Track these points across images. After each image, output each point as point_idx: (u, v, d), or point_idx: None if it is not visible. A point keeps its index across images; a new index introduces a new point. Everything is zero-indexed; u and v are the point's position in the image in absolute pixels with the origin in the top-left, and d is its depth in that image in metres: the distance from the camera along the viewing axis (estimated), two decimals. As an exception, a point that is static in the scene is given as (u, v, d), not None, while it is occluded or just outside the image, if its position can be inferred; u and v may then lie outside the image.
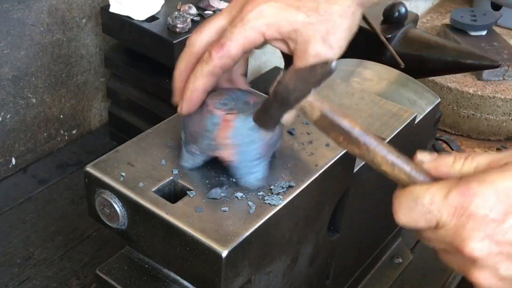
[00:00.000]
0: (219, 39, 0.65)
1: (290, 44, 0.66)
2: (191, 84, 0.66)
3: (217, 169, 0.70)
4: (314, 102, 0.61)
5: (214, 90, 0.69)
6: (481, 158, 0.54)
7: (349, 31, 0.67)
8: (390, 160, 0.57)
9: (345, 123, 0.60)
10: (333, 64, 0.62)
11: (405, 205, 0.55)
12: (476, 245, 0.50)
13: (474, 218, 0.50)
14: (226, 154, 0.66)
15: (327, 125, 0.61)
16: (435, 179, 0.56)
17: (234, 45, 0.64)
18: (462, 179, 0.52)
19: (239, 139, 0.66)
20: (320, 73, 0.62)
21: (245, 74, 0.73)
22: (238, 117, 0.66)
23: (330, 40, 0.65)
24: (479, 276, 0.52)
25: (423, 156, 0.58)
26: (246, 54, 0.67)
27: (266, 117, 0.64)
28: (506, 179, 0.50)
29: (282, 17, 0.65)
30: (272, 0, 0.65)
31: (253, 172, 0.67)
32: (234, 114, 0.66)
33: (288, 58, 0.75)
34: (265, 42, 0.66)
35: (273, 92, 0.62)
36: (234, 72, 0.72)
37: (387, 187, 0.62)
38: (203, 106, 0.67)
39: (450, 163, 0.56)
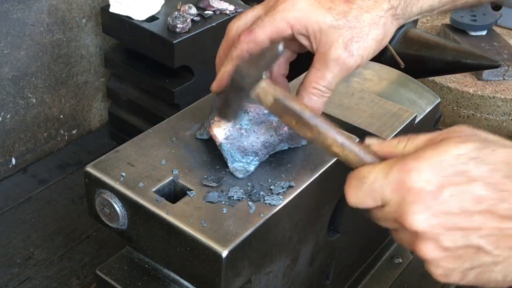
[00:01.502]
0: (250, 26, 0.69)
1: (313, 43, 0.68)
2: (223, 67, 0.71)
3: (217, 169, 0.70)
4: (267, 87, 0.63)
5: None
6: (421, 138, 0.57)
7: (375, 42, 0.68)
8: (340, 141, 0.60)
9: (297, 107, 0.62)
10: (280, 47, 0.64)
11: (353, 186, 0.57)
12: (416, 218, 0.52)
13: (412, 192, 0.52)
14: (217, 134, 0.69)
15: (281, 110, 0.63)
16: (382, 160, 0.58)
17: (262, 32, 0.68)
18: (402, 157, 0.55)
19: (233, 125, 0.69)
20: (269, 56, 0.64)
21: (286, 76, 0.75)
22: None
23: (352, 47, 0.67)
24: (423, 248, 0.53)
25: (371, 140, 0.60)
26: (275, 44, 0.69)
27: (226, 106, 0.66)
28: (439, 153, 0.52)
29: (311, 14, 0.67)
30: None
31: (239, 161, 0.69)
32: None
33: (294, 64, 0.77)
34: (293, 37, 0.68)
35: (229, 80, 0.65)
36: (276, 72, 0.74)
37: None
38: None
39: (394, 144, 0.58)
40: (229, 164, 0.69)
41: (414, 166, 0.53)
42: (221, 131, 0.69)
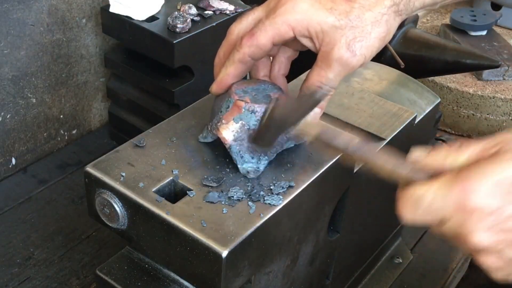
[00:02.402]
0: (252, 29, 0.68)
1: (316, 44, 0.68)
2: (223, 69, 0.71)
3: (217, 169, 0.70)
4: (309, 124, 0.64)
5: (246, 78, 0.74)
6: (471, 148, 0.56)
7: (378, 40, 0.68)
8: (388, 168, 0.59)
9: (341, 143, 0.61)
10: (324, 91, 0.67)
11: (409, 205, 0.56)
12: (480, 237, 0.53)
13: (475, 212, 0.52)
14: (226, 136, 0.68)
15: (324, 144, 0.63)
16: (433, 175, 0.57)
17: (264, 36, 0.67)
18: (458, 174, 0.54)
19: (239, 125, 0.68)
20: (312, 101, 0.65)
21: (286, 75, 0.76)
22: (249, 105, 0.68)
23: (355, 47, 0.67)
24: (487, 261, 0.55)
25: (417, 154, 0.59)
26: (277, 47, 0.70)
27: (262, 139, 0.67)
28: (498, 170, 0.53)
29: (313, 16, 0.66)
30: None
31: (249, 162, 0.69)
32: (246, 101, 0.68)
33: (295, 64, 0.78)
34: (295, 37, 0.68)
35: (268, 117, 0.66)
36: (275, 71, 0.75)
37: (387, 187, 0.62)
38: (228, 90, 0.72)
39: (443, 157, 0.57)
40: (239, 166, 0.69)
41: (475, 186, 0.53)
42: (229, 133, 0.69)
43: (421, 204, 0.55)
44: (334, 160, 0.73)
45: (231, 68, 0.70)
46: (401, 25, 1.30)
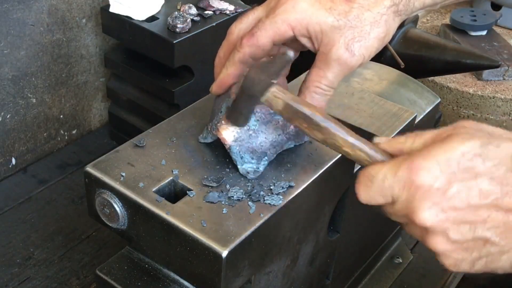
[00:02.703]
0: (252, 29, 0.68)
1: (315, 44, 0.68)
2: (224, 69, 0.71)
3: (217, 169, 0.70)
4: (277, 93, 0.63)
5: None
6: (428, 134, 0.58)
7: (377, 40, 0.68)
8: (350, 141, 0.62)
9: (307, 111, 0.63)
10: (291, 54, 0.67)
11: (363, 184, 0.58)
12: (425, 214, 0.54)
13: (421, 189, 0.54)
14: (226, 137, 0.69)
15: (291, 114, 0.64)
16: (392, 157, 0.60)
17: (264, 35, 0.67)
18: (409, 155, 0.56)
19: (241, 127, 0.69)
20: (280, 63, 0.66)
21: (287, 75, 0.75)
22: None
23: (353, 47, 0.67)
24: (433, 241, 0.55)
25: (379, 138, 0.62)
26: (277, 47, 0.70)
27: (236, 112, 0.67)
28: (446, 150, 0.54)
29: (312, 16, 0.67)
30: None
31: (249, 162, 0.69)
32: None
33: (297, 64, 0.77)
34: (294, 37, 0.68)
35: (240, 87, 0.65)
36: None
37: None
38: (228, 90, 0.71)
39: (402, 141, 0.60)
40: (239, 166, 0.69)
41: (422, 164, 0.54)
42: (229, 134, 0.69)
43: (373, 183, 0.57)
44: (334, 160, 0.73)
45: (232, 69, 0.70)
46: (401, 25, 1.30)
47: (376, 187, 0.57)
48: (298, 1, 0.67)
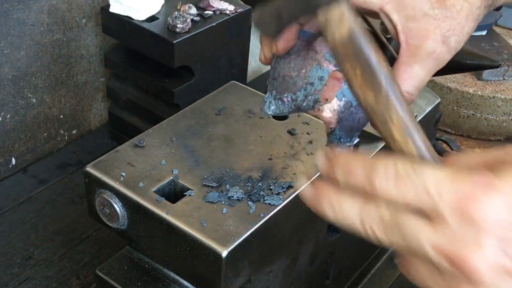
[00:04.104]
0: None
1: (399, 32, 0.58)
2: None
3: (217, 169, 0.70)
4: (347, 12, 0.45)
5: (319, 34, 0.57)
6: (492, 152, 0.43)
7: (468, 36, 0.60)
8: (407, 124, 0.45)
9: (374, 56, 0.45)
10: None
11: (399, 169, 0.40)
12: (485, 258, 0.36)
13: (489, 220, 0.36)
14: (328, 116, 0.57)
15: (350, 51, 0.45)
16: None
17: None
18: (477, 170, 0.39)
19: (343, 103, 0.57)
20: None
21: None
22: None
23: (450, 41, 0.58)
24: None
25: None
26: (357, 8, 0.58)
27: (273, 18, 0.50)
28: None
29: None
30: None
31: (344, 143, 0.59)
32: None
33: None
34: (375, 13, 0.58)
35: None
36: None
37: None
38: (307, 51, 0.57)
39: (457, 156, 0.45)
40: (335, 147, 0.58)
41: (501, 186, 0.37)
42: (334, 114, 0.57)
43: (416, 175, 0.39)
44: (334, 160, 0.72)
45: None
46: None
47: (416, 182, 0.39)
48: None
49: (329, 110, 0.57)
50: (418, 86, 0.59)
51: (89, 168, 0.69)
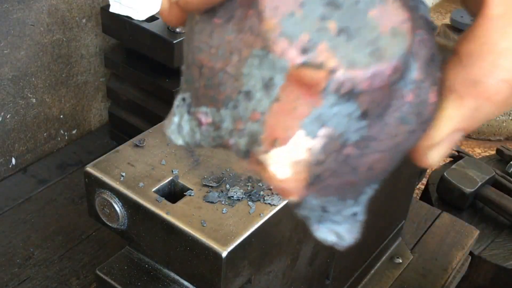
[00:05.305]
0: None
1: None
2: None
3: (217, 169, 0.70)
4: None
5: None
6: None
7: None
8: None
9: None
10: None
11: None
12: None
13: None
14: (280, 174, 0.29)
15: None
16: None
17: None
18: None
19: (325, 138, 0.22)
20: None
21: None
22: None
23: None
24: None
25: None
26: None
27: None
28: None
29: None
30: None
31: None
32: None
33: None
34: None
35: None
36: None
37: (387, 187, 0.62)
38: (246, 11, 0.29)
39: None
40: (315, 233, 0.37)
41: None
42: (298, 169, 0.27)
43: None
44: (334, 160, 0.72)
45: None
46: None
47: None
48: None
49: (283, 159, 0.28)
50: None
51: (89, 168, 0.69)
